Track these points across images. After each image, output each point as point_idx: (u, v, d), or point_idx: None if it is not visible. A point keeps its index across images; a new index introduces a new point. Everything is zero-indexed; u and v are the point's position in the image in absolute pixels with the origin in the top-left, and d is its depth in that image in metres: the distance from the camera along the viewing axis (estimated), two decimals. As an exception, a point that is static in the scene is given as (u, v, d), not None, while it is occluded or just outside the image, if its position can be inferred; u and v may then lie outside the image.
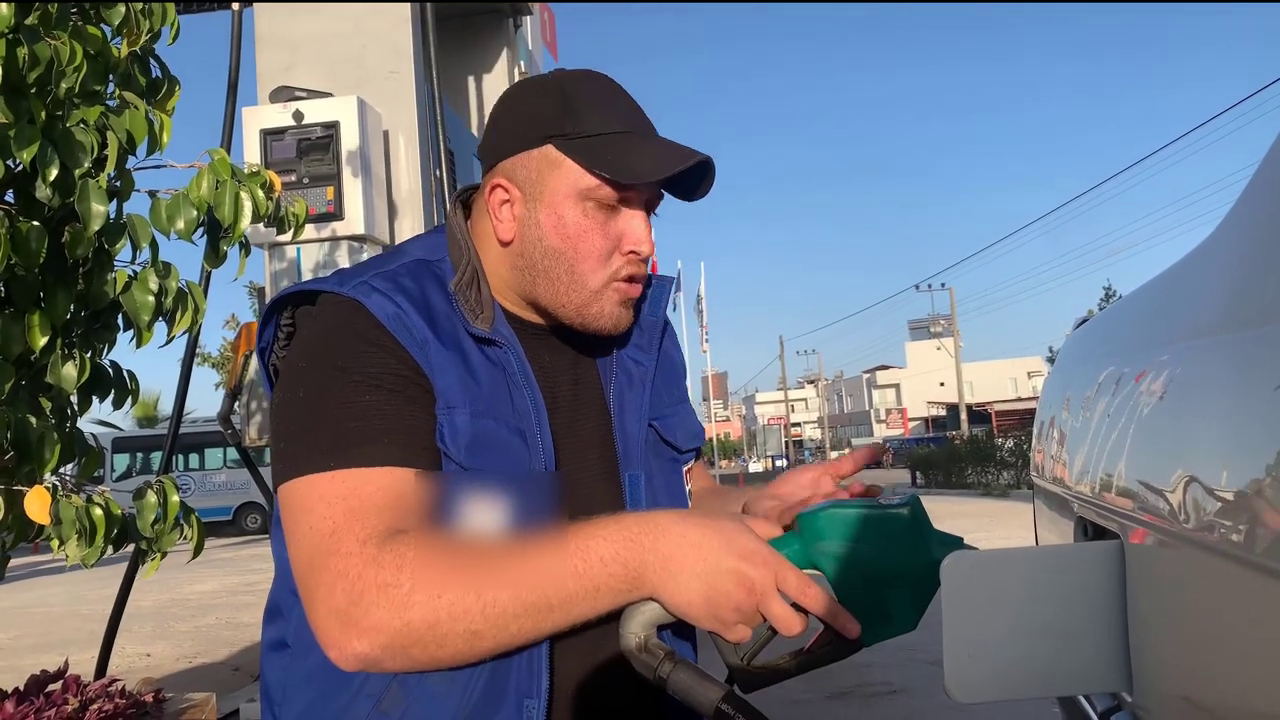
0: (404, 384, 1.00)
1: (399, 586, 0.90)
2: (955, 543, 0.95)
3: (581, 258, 1.07)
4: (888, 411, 78.44)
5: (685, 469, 1.25)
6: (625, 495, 1.14)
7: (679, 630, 1.06)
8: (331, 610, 0.91)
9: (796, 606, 0.93)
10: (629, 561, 0.92)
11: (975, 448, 25.25)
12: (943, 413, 59.16)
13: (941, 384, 67.69)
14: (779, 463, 43.62)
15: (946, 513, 13.69)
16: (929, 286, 47.75)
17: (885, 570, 0.94)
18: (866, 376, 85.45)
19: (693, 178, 1.10)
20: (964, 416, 42.70)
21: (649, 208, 1.11)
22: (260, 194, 2.04)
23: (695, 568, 0.92)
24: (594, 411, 1.16)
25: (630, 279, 1.10)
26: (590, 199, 1.06)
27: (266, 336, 1.14)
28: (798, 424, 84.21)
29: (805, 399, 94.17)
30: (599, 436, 1.15)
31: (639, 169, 1.04)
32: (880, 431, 75.45)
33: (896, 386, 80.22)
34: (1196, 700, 0.81)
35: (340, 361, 1.00)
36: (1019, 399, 51.14)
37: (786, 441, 56.27)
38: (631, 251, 1.08)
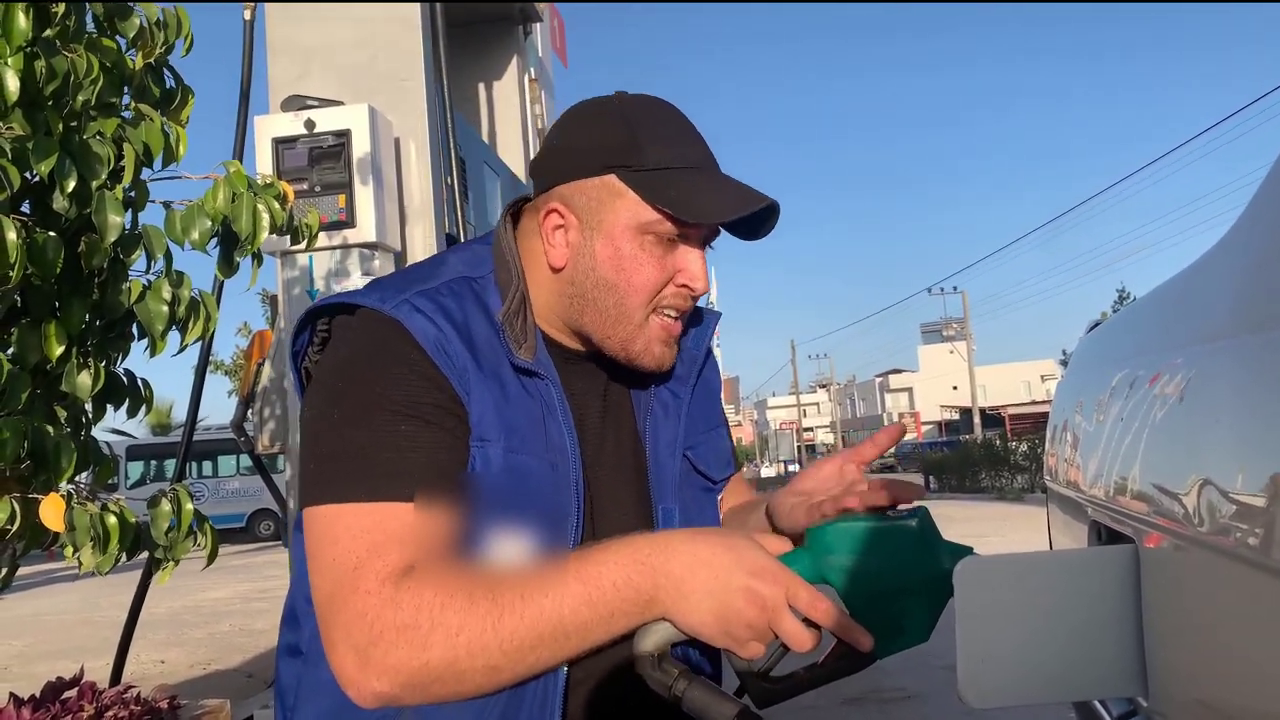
0: (440, 415, 0.99)
1: (417, 628, 0.90)
2: (965, 553, 0.95)
3: (633, 291, 1.05)
4: (900, 415, 78.19)
5: (719, 497, 1.24)
6: (658, 529, 1.12)
7: (702, 646, 1.06)
8: (350, 649, 0.91)
9: (808, 622, 0.92)
10: (641, 585, 0.92)
11: (989, 451, 25.12)
12: (956, 416, 58.95)
13: (954, 388, 67.41)
14: (791, 467, 43.50)
15: (960, 517, 13.63)
16: (941, 290, 47.60)
17: (895, 582, 0.94)
18: (879, 380, 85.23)
19: (756, 217, 1.07)
20: (977, 420, 42.53)
21: (705, 243, 1.09)
22: (276, 206, 2.05)
23: (707, 586, 0.92)
24: (625, 440, 1.15)
25: (675, 314, 1.09)
26: (650, 233, 1.04)
27: (301, 342, 1.12)
28: (810, 428, 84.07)
29: (817, 403, 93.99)
30: (631, 466, 1.14)
31: (704, 209, 1.03)
32: (892, 436, 75.00)
33: (909, 390, 79.96)
34: (1212, 705, 0.80)
35: (378, 387, 0.99)
36: (1033, 402, 50.93)
37: (799, 446, 56.20)
38: (684, 285, 1.07)
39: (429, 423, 0.98)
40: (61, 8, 1.80)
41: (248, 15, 3.70)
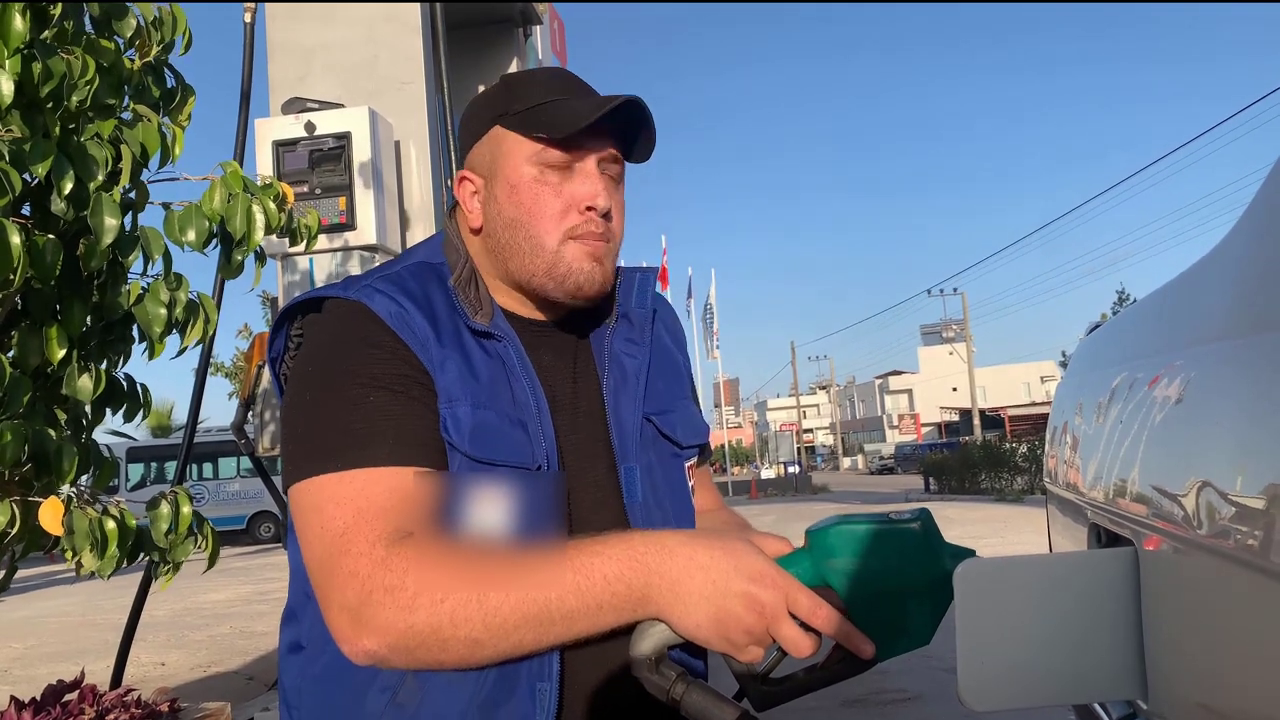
0: (408, 384, 1.03)
1: (404, 590, 0.92)
2: (967, 555, 0.95)
3: (535, 220, 1.10)
4: (900, 417, 78.18)
5: (688, 464, 1.25)
6: (623, 488, 1.14)
7: (690, 647, 1.06)
8: (343, 608, 0.94)
9: (808, 626, 0.92)
10: (633, 582, 0.93)
11: (988, 453, 25.10)
12: (956, 418, 58.91)
13: (954, 389, 67.42)
14: (791, 469, 43.44)
15: (960, 518, 13.63)
16: (941, 291, 47.63)
17: (897, 585, 0.94)
18: (879, 382, 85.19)
19: (631, 129, 1.13)
20: (977, 421, 42.53)
21: (606, 170, 1.13)
22: (272, 206, 2.05)
23: (703, 590, 0.92)
24: (594, 407, 1.18)
25: (592, 237, 1.12)
26: (540, 164, 1.10)
27: (277, 347, 1.17)
28: (810, 430, 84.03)
29: (817, 405, 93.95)
30: (601, 431, 1.16)
31: (568, 121, 1.08)
32: (893, 437, 75.22)
33: (909, 392, 79.94)
34: (1212, 707, 0.80)
35: (346, 364, 1.04)
36: (1032, 404, 50.94)
37: (799, 447, 56.15)
38: (588, 208, 1.10)
39: (398, 392, 1.02)
40: (59, 9, 1.80)
41: (248, 18, 3.69)
